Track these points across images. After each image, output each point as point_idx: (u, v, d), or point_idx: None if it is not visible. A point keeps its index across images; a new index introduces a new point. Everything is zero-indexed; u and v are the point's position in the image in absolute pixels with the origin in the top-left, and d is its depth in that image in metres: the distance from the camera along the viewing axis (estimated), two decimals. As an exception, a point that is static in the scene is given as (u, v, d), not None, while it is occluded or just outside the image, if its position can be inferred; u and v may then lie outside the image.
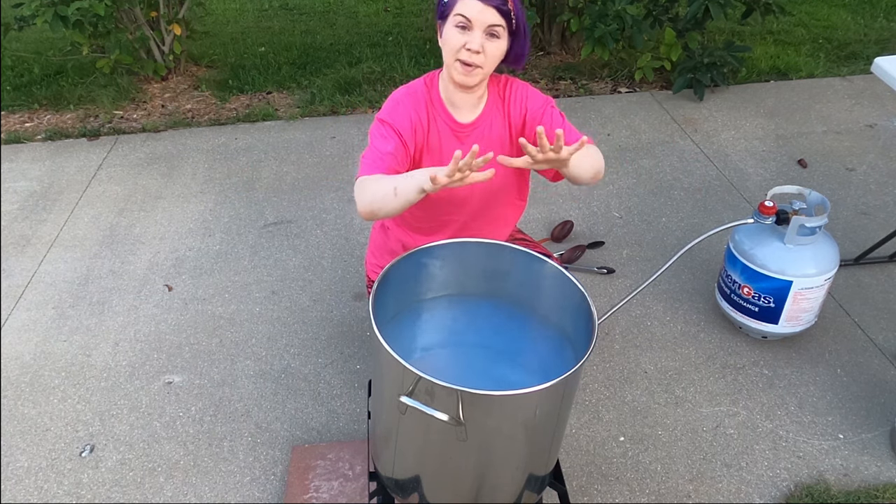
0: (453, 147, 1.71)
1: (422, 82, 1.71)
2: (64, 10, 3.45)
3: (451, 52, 1.55)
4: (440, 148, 1.71)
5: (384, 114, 1.66)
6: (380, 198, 1.46)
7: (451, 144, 1.71)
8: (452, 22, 1.53)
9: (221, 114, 3.90)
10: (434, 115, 1.69)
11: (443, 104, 1.69)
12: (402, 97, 1.68)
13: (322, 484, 1.87)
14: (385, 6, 5.52)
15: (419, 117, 1.66)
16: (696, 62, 3.81)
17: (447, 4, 1.54)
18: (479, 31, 1.51)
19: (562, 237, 2.82)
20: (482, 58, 1.54)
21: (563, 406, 1.39)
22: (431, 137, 1.69)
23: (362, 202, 1.50)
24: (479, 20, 1.50)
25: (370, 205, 1.48)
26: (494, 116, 1.72)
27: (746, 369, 2.23)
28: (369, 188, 1.51)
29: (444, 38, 1.57)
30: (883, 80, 2.27)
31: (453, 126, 1.70)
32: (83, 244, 2.88)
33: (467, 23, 1.51)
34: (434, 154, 1.71)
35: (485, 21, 1.50)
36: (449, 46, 1.55)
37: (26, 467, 2.00)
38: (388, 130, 1.63)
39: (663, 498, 1.87)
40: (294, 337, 2.41)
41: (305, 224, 2.96)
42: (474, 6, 1.50)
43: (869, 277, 2.58)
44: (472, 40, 1.51)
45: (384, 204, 1.46)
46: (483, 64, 1.55)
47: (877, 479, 1.90)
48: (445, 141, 1.71)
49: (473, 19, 1.50)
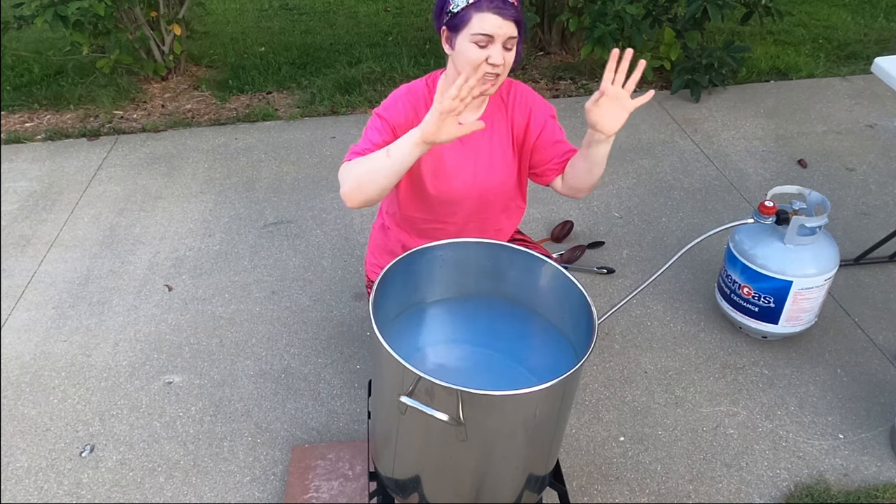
0: (454, 148, 1.71)
1: (423, 82, 1.71)
2: (64, 10, 3.44)
3: (471, 65, 1.51)
4: (440, 148, 1.71)
5: (381, 109, 1.67)
6: (367, 169, 1.48)
7: (451, 145, 1.70)
8: (470, 38, 1.52)
9: (221, 114, 3.90)
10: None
11: None
12: (402, 95, 1.69)
13: (322, 484, 1.88)
14: (385, 6, 5.52)
15: (417, 116, 1.66)
16: (695, 63, 3.81)
17: (461, 18, 1.52)
18: (500, 45, 1.52)
19: (562, 237, 2.82)
20: (502, 68, 1.56)
21: (563, 406, 1.39)
22: None
23: (347, 182, 1.52)
24: (500, 35, 1.51)
25: (357, 180, 1.50)
26: (496, 119, 1.72)
27: (746, 369, 2.23)
28: (354, 168, 1.52)
29: (458, 51, 1.56)
30: (883, 80, 2.27)
31: None
32: (83, 244, 2.88)
33: (489, 38, 1.51)
34: (434, 154, 1.71)
35: (505, 35, 1.51)
36: (467, 60, 1.54)
37: (26, 467, 2.00)
38: (382, 125, 1.64)
39: (663, 498, 1.87)
40: (294, 337, 2.41)
41: (305, 224, 2.96)
42: (494, 21, 1.49)
43: (869, 277, 2.58)
44: (495, 55, 1.52)
45: (374, 175, 1.47)
46: (503, 73, 1.58)
47: (877, 478, 1.90)
48: None
49: (495, 34, 1.50)
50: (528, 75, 4.23)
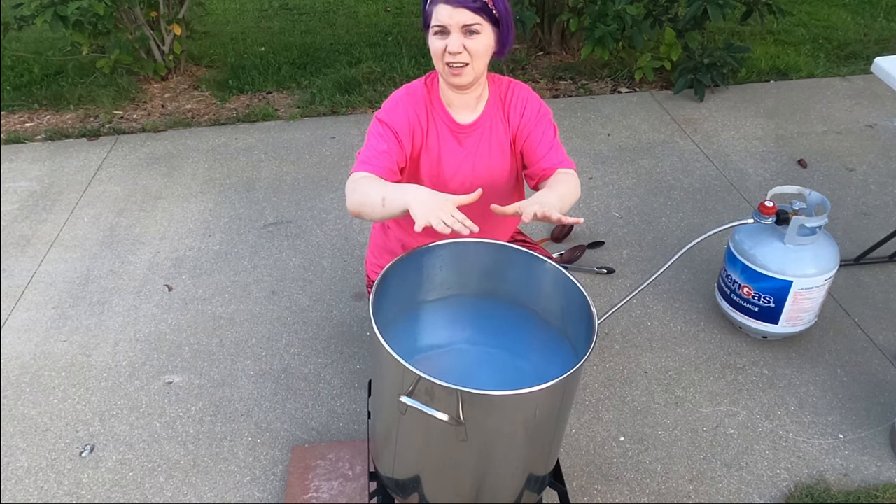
0: (452, 148, 1.71)
1: (421, 83, 1.71)
2: (64, 10, 3.45)
3: (437, 58, 1.59)
4: (439, 148, 1.71)
5: (382, 113, 1.67)
6: (368, 202, 1.49)
7: (449, 145, 1.71)
8: (432, 31, 1.57)
9: (221, 114, 3.90)
10: (433, 115, 1.69)
11: (442, 105, 1.70)
12: (402, 98, 1.69)
13: (322, 484, 1.87)
14: (385, 6, 5.52)
15: (418, 118, 1.67)
16: (696, 62, 3.81)
17: (427, 14, 1.58)
18: (456, 33, 1.54)
19: (562, 237, 2.82)
20: (466, 56, 1.56)
21: (563, 406, 1.39)
22: (430, 138, 1.70)
23: (352, 201, 1.54)
24: (453, 23, 1.53)
25: (359, 206, 1.52)
26: (494, 119, 1.72)
27: (746, 369, 2.23)
28: (360, 189, 1.53)
29: (431, 47, 1.60)
30: (883, 80, 2.27)
31: (452, 127, 1.70)
32: (83, 244, 2.88)
33: (443, 28, 1.54)
34: (432, 154, 1.71)
35: (459, 22, 1.52)
36: (434, 53, 1.59)
37: (26, 467, 2.00)
38: (384, 130, 1.65)
39: (663, 498, 1.87)
40: (294, 337, 2.41)
41: (305, 224, 2.96)
42: (444, 10, 1.52)
43: (869, 277, 2.58)
44: (451, 42, 1.54)
45: (371, 210, 1.48)
46: (470, 61, 1.57)
47: (877, 478, 1.90)
48: (444, 142, 1.71)
49: (447, 24, 1.53)
50: (528, 75, 4.23)
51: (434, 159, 1.72)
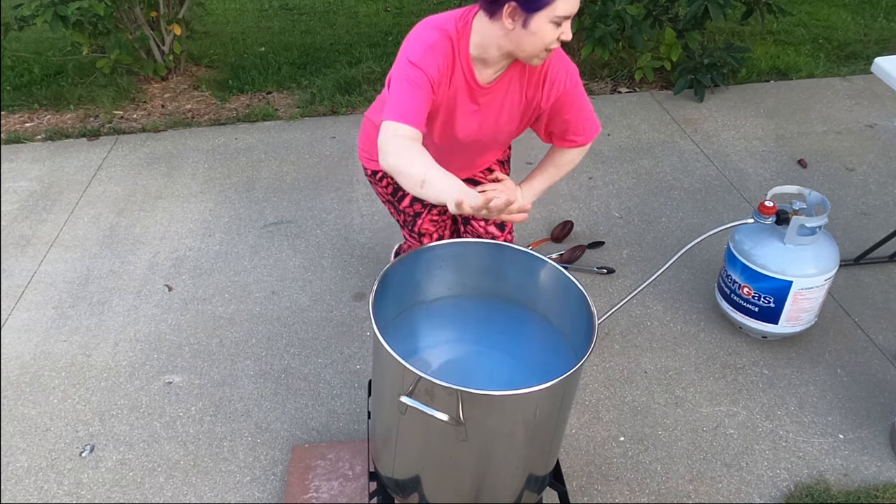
0: (467, 107, 1.70)
1: (453, 28, 1.61)
2: (64, 10, 3.45)
3: (542, 45, 1.54)
4: (455, 103, 1.69)
5: (416, 56, 1.57)
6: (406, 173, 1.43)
7: (464, 104, 1.70)
8: (549, 18, 1.50)
9: (221, 114, 3.90)
10: (457, 69, 1.63)
11: (469, 59, 1.63)
12: (435, 43, 1.59)
13: (322, 484, 1.87)
14: (385, 6, 5.52)
15: (447, 69, 1.61)
16: (696, 62, 3.81)
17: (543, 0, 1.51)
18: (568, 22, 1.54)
19: (562, 237, 2.82)
20: None
21: (563, 406, 1.39)
22: (450, 92, 1.66)
23: (389, 163, 1.47)
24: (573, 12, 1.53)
25: (395, 169, 1.46)
26: (512, 83, 1.71)
27: (746, 369, 2.23)
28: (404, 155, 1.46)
29: (532, 31, 1.52)
30: (883, 80, 2.27)
31: (472, 84, 1.66)
32: (83, 244, 2.88)
33: (565, 20, 1.52)
34: (449, 108, 1.69)
35: (574, 11, 1.53)
36: (540, 39, 1.53)
37: (26, 467, 2.00)
38: (421, 78, 1.56)
39: (663, 498, 1.87)
40: (294, 337, 2.41)
41: (305, 224, 2.96)
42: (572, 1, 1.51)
43: (869, 277, 2.58)
44: (567, 31, 1.54)
45: (406, 181, 1.44)
46: None
47: (877, 478, 1.90)
48: (461, 99, 1.68)
49: (571, 14, 1.52)
50: (528, 75, 4.22)
51: (448, 113, 1.71)
